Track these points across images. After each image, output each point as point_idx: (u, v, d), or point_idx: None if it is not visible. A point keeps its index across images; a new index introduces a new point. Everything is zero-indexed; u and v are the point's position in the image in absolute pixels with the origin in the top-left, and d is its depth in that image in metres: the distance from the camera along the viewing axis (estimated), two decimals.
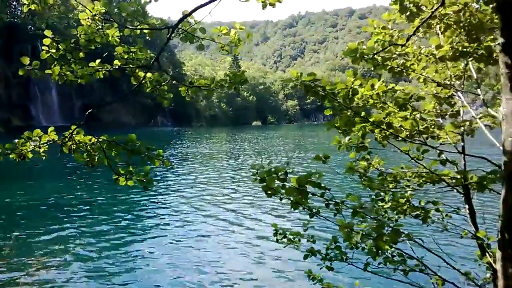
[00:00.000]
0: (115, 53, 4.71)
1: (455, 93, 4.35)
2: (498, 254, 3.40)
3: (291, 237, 4.77)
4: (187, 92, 4.77)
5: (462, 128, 4.17)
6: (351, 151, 4.66)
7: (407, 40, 3.49)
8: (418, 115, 4.37)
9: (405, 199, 4.78)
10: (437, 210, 4.68)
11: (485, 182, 3.75)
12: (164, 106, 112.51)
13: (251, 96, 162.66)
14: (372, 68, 3.94)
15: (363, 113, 3.91)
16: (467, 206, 4.50)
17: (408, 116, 3.47)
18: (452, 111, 4.22)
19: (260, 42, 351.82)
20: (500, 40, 3.42)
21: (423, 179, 4.66)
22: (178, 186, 23.66)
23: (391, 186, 4.95)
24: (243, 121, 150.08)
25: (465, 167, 4.41)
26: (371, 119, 3.95)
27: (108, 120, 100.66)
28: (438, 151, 4.68)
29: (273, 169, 3.34)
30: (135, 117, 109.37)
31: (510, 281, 3.28)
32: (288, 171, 3.54)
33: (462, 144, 4.37)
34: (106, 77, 4.57)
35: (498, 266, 3.37)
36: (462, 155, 4.32)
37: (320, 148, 47.43)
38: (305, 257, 3.39)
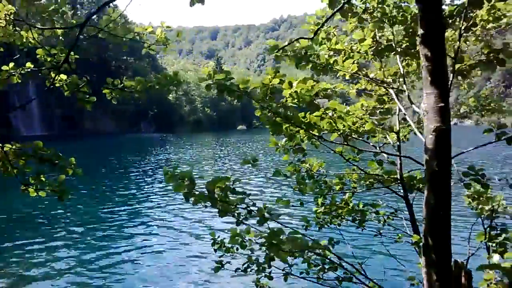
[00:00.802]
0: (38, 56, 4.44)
1: (390, 90, 4.15)
2: (422, 260, 3.18)
3: (229, 245, 4.51)
4: (111, 94, 4.51)
5: (396, 127, 3.98)
6: (288, 153, 4.44)
7: (315, 33, 3.27)
8: (359, 115, 4.16)
9: (344, 202, 4.57)
10: (377, 213, 4.47)
11: (412, 182, 3.54)
12: (150, 112, 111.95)
13: (235, 101, 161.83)
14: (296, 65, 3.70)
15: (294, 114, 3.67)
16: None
17: (323, 116, 3.22)
18: (382, 109, 4.01)
19: (243, 46, 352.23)
20: (420, 31, 3.23)
21: (362, 181, 4.46)
22: (149, 194, 23.20)
23: (337, 188, 4.73)
24: (228, 125, 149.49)
25: (401, 167, 4.20)
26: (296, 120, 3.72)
27: (89, 128, 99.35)
28: (378, 152, 4.48)
29: (178, 175, 3.06)
30: (118, 125, 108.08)
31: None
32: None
33: (398, 144, 4.17)
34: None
35: (423, 272, 3.16)
36: (399, 155, 4.11)
37: None
38: (216, 269, 3.10)
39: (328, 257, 3.79)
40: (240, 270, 3.81)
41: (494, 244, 3.91)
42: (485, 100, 12.18)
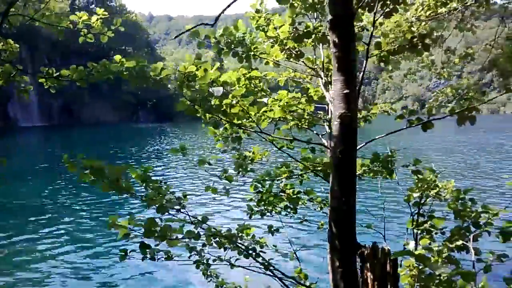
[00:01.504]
0: None
1: (319, 79, 4.12)
2: (328, 246, 3.19)
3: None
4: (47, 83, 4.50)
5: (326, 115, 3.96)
6: (228, 142, 4.43)
7: (216, 19, 3.23)
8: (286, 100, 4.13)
9: (280, 191, 4.57)
10: (311, 200, 4.48)
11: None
12: (148, 102, 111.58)
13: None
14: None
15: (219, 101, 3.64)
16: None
17: (233, 103, 3.20)
18: (305, 97, 3.98)
19: None
20: (329, 17, 3.20)
21: (295, 169, 4.46)
22: None
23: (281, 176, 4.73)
24: None
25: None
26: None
27: (88, 118, 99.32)
28: (315, 139, 4.47)
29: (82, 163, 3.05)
30: (116, 115, 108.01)
31: (336, 275, 3.08)
32: None
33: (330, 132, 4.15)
34: None
35: (328, 258, 3.17)
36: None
37: None
38: (121, 258, 3.11)
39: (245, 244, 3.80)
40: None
41: (419, 231, 3.92)
42: (464, 90, 12.13)
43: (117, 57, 3.36)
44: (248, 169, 4.56)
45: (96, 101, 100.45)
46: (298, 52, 4.42)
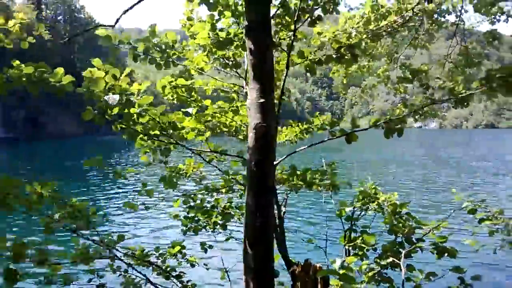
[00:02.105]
0: None
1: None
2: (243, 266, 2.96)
3: None
4: None
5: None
6: (155, 154, 4.16)
7: (116, 22, 3.01)
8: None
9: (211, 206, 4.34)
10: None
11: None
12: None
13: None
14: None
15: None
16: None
17: (142, 113, 2.97)
18: (231, 107, 3.79)
19: None
20: (245, 23, 3.03)
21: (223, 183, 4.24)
22: None
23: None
24: None
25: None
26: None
27: (53, 130, 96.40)
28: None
29: None
30: (81, 127, 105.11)
31: None
32: None
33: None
34: None
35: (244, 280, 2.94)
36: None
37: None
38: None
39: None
40: None
41: (351, 248, 3.76)
42: (419, 105, 12.26)
43: (16, 62, 3.07)
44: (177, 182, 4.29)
45: (60, 113, 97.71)
46: (234, 62, 4.26)
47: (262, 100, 2.85)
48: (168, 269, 3.50)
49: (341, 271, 2.89)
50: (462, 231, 12.63)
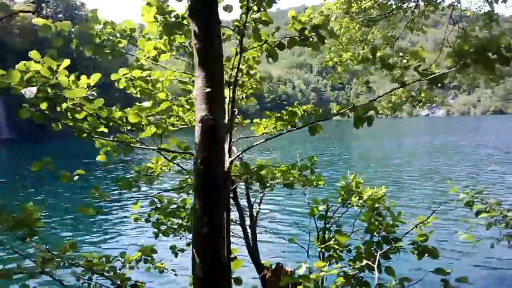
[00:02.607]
0: None
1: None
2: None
3: None
4: None
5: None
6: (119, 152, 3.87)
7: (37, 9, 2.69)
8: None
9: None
10: None
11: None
12: None
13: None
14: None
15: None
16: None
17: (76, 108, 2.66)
18: (188, 100, 3.47)
19: None
20: (188, 2, 2.71)
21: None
22: None
23: None
24: None
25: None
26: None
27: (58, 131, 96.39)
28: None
29: None
30: None
31: None
32: None
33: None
34: None
35: None
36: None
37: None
38: None
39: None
40: None
41: (321, 249, 3.44)
42: (417, 91, 11.85)
43: None
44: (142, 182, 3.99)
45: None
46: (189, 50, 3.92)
47: (208, 90, 2.53)
48: (118, 276, 3.20)
49: (311, 276, 2.59)
50: (455, 226, 11.88)
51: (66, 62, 2.89)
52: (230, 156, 2.87)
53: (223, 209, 2.56)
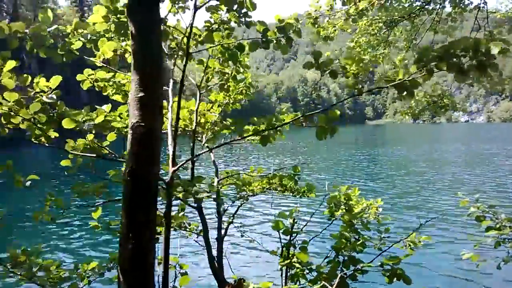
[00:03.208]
0: None
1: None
2: None
3: None
4: None
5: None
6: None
7: None
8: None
9: None
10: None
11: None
12: None
13: (244, 100, 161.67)
14: None
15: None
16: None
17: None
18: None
19: None
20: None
21: None
22: None
23: None
24: None
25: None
26: None
27: None
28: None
29: None
30: None
31: None
32: None
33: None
34: None
35: None
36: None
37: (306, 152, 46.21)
38: None
39: None
40: None
41: (282, 266, 3.18)
42: (438, 97, 11.30)
43: None
44: None
45: None
46: None
47: (141, 94, 2.34)
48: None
49: None
50: (461, 243, 10.67)
51: (11, 63, 2.79)
52: (174, 166, 2.67)
53: (153, 226, 2.36)
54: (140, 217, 2.30)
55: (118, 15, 2.97)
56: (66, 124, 2.68)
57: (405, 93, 2.54)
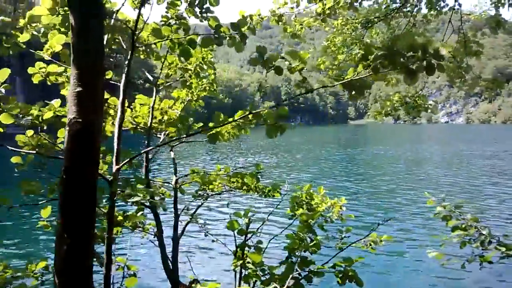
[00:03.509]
0: None
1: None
2: None
3: None
4: None
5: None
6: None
7: None
8: None
9: None
10: None
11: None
12: None
13: (227, 99, 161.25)
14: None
15: None
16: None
17: None
18: None
19: None
20: None
21: None
22: None
23: None
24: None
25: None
26: None
27: None
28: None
29: None
30: None
31: None
32: None
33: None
34: None
35: None
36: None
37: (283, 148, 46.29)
38: None
39: None
40: None
41: (235, 267, 3.12)
42: (411, 98, 11.38)
43: None
44: None
45: None
46: None
47: (79, 89, 2.24)
48: None
49: None
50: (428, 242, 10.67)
51: None
52: (117, 164, 2.58)
53: (90, 225, 2.27)
54: (76, 217, 2.21)
55: (65, 8, 2.86)
56: (3, 119, 2.57)
57: (353, 92, 2.50)
